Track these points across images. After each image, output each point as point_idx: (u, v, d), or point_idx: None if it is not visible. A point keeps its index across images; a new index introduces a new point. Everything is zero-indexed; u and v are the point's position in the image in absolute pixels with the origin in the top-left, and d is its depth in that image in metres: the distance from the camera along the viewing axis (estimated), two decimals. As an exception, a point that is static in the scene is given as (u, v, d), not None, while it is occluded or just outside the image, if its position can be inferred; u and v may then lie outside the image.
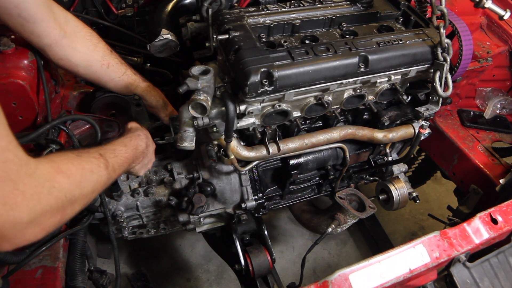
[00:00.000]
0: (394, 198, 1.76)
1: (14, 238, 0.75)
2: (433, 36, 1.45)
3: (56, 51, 1.30)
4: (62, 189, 0.82)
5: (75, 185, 0.87)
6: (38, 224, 0.77)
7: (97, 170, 0.98)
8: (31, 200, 0.74)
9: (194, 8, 1.65)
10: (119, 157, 1.11)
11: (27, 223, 0.74)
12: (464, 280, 1.45)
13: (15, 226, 0.72)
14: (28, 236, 0.77)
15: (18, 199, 0.71)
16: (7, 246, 0.75)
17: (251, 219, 1.79)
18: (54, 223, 0.82)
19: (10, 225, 0.72)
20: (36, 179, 0.76)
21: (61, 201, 0.82)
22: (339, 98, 1.49)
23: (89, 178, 0.94)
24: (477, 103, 2.26)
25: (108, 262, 2.37)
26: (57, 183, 0.81)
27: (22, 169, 0.73)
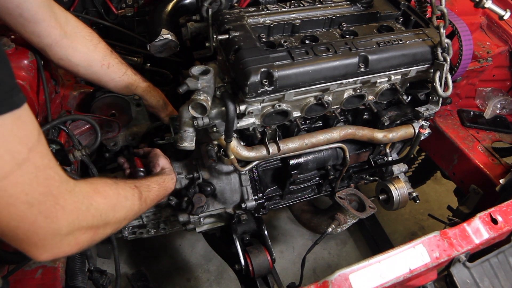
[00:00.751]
0: (394, 198, 1.76)
1: (53, 248, 0.80)
2: (433, 36, 1.45)
3: (56, 51, 1.30)
4: (98, 208, 0.88)
5: (111, 207, 0.93)
6: (74, 238, 0.83)
7: (132, 198, 1.03)
8: (71, 214, 0.79)
9: (194, 8, 1.65)
10: (151, 192, 1.18)
11: (65, 235, 0.80)
12: (464, 280, 1.45)
13: (54, 237, 0.78)
14: (64, 248, 0.82)
15: (59, 213, 0.77)
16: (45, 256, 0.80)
17: (251, 219, 1.79)
18: (88, 239, 0.87)
19: (51, 236, 0.78)
20: (75, 196, 0.81)
21: (96, 219, 0.87)
22: (339, 98, 1.49)
23: (124, 203, 0.99)
24: (477, 103, 2.26)
25: (108, 262, 2.37)
26: (95, 202, 0.87)
27: (63, 185, 0.78)
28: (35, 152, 0.72)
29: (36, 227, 0.75)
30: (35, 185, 0.73)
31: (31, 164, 0.71)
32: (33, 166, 0.72)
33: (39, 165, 0.73)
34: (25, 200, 0.71)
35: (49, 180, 0.75)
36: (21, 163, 0.69)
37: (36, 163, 0.72)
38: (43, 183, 0.74)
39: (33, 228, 0.75)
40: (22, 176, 0.70)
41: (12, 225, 0.73)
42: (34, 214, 0.73)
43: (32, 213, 0.73)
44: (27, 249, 0.78)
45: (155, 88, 1.58)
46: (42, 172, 0.74)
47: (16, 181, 0.69)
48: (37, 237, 0.76)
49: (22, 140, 0.69)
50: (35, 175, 0.72)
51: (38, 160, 0.73)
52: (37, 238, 0.76)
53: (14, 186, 0.69)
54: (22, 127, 0.70)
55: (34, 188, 0.73)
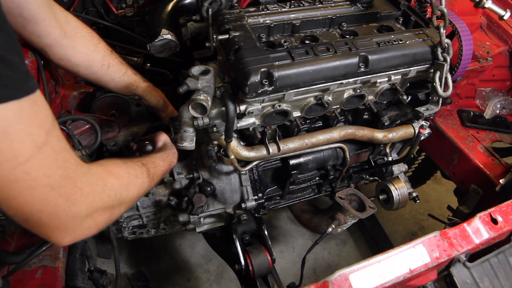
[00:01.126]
0: (394, 198, 1.76)
1: (74, 231, 0.82)
2: (433, 36, 1.45)
3: (56, 51, 1.31)
4: (113, 188, 0.90)
5: (124, 186, 0.95)
6: (93, 219, 0.85)
7: (141, 176, 1.06)
8: (88, 196, 0.81)
9: (194, 8, 1.65)
10: (158, 168, 1.19)
11: (84, 217, 0.82)
12: (464, 280, 1.45)
13: (75, 220, 0.80)
14: (85, 230, 0.84)
15: (78, 195, 0.78)
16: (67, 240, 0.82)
17: (251, 219, 1.79)
18: (105, 220, 0.89)
19: (71, 219, 0.79)
20: (90, 178, 0.83)
21: (112, 199, 0.90)
22: (339, 98, 1.49)
23: (135, 182, 1.02)
24: (477, 103, 2.26)
25: (108, 262, 2.37)
26: (109, 183, 0.89)
27: (79, 168, 0.80)
28: (52, 136, 0.73)
29: (58, 210, 0.76)
30: (55, 168, 0.74)
31: (50, 147, 0.73)
32: (52, 149, 0.73)
33: (57, 148, 0.75)
34: (47, 183, 0.73)
35: (66, 163, 0.77)
36: (41, 146, 0.71)
37: (54, 146, 0.74)
38: (62, 166, 0.75)
39: (55, 211, 0.76)
40: (43, 159, 0.71)
41: (35, 209, 0.74)
42: (55, 197, 0.75)
43: (53, 196, 0.74)
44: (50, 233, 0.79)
45: (155, 88, 1.58)
46: (60, 155, 0.75)
47: (38, 164, 0.71)
48: (59, 220, 0.78)
49: (40, 124, 0.71)
50: (54, 158, 0.74)
51: (55, 143, 0.74)
52: (59, 221, 0.78)
53: (36, 169, 0.70)
54: (39, 111, 0.71)
55: (55, 171, 0.74)
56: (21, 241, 1.35)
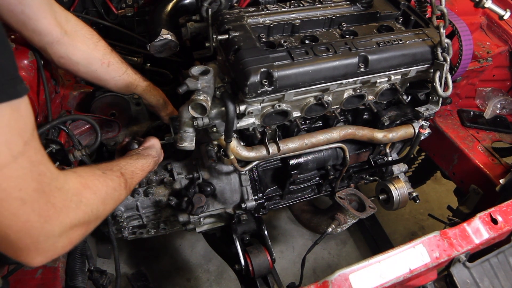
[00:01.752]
0: (394, 198, 1.76)
1: (47, 251, 0.76)
2: (433, 36, 1.45)
3: (57, 49, 1.30)
4: (88, 204, 0.85)
5: (100, 201, 0.90)
6: (67, 237, 0.79)
7: (119, 188, 1.01)
8: (61, 213, 0.76)
9: (194, 8, 1.65)
10: (135, 178, 1.16)
11: (58, 236, 0.76)
12: (464, 280, 1.45)
13: (48, 239, 0.74)
14: (58, 249, 0.79)
15: (51, 212, 0.73)
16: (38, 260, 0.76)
17: (251, 219, 1.79)
18: (80, 236, 0.84)
19: (44, 238, 0.73)
20: (65, 193, 0.78)
21: (87, 215, 0.84)
22: (339, 98, 1.49)
23: (112, 195, 0.97)
24: (477, 103, 2.26)
25: (108, 262, 2.37)
26: (85, 198, 0.84)
27: (53, 182, 0.74)
28: (30, 146, 0.69)
29: (29, 227, 0.70)
30: (29, 181, 0.69)
31: (26, 158, 0.68)
32: (28, 160, 0.69)
33: (34, 160, 0.70)
34: (18, 196, 0.67)
35: (41, 176, 0.72)
36: (17, 156, 0.66)
37: (30, 157, 0.69)
38: (36, 179, 0.70)
39: (26, 228, 0.70)
40: (17, 169, 0.66)
41: (4, 224, 0.68)
42: (27, 212, 0.69)
43: (25, 211, 0.69)
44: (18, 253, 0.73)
45: (155, 87, 1.58)
46: (36, 167, 0.70)
47: (11, 175, 0.66)
48: (30, 238, 0.72)
49: (19, 132, 0.67)
50: (29, 170, 0.69)
51: (32, 155, 0.70)
52: (30, 240, 0.72)
53: (8, 180, 0.66)
54: (20, 119, 0.67)
55: (28, 183, 0.69)
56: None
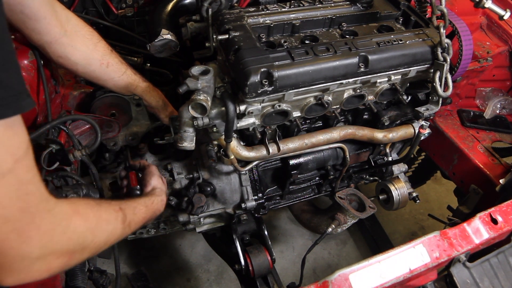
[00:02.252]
0: (394, 198, 1.76)
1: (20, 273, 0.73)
2: (433, 36, 1.45)
3: (56, 49, 1.30)
4: (76, 231, 0.81)
5: (89, 230, 0.85)
6: (45, 263, 0.76)
7: (114, 222, 0.96)
8: (45, 236, 0.73)
9: (194, 8, 1.65)
10: (137, 215, 1.10)
11: (36, 259, 0.73)
12: (464, 280, 1.45)
13: (24, 260, 0.71)
14: (33, 274, 0.75)
15: (33, 233, 0.71)
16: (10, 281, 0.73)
17: (251, 219, 1.79)
18: (60, 265, 0.79)
19: (20, 259, 0.71)
20: (53, 216, 0.75)
21: (73, 243, 0.80)
22: (339, 98, 1.49)
23: (105, 227, 0.92)
24: (477, 103, 2.26)
25: (108, 262, 2.37)
26: (73, 224, 0.80)
27: (42, 203, 0.73)
28: (20, 165, 0.68)
29: (6, 246, 0.68)
30: (14, 199, 0.68)
31: (14, 177, 0.67)
32: (16, 179, 0.68)
33: (22, 179, 0.69)
34: (1, 214, 0.67)
35: (29, 195, 0.70)
36: (5, 174, 0.65)
37: (19, 176, 0.68)
38: (23, 198, 0.69)
39: (2, 247, 0.68)
40: (3, 187, 0.66)
41: None
42: (7, 231, 0.68)
43: (5, 230, 0.67)
44: None
45: (154, 88, 1.58)
46: (24, 186, 0.69)
47: None
48: (4, 258, 0.69)
49: (11, 150, 0.66)
50: (16, 189, 0.68)
51: (22, 173, 0.69)
52: (4, 259, 0.69)
53: None
54: (14, 137, 0.67)
55: (13, 202, 0.68)
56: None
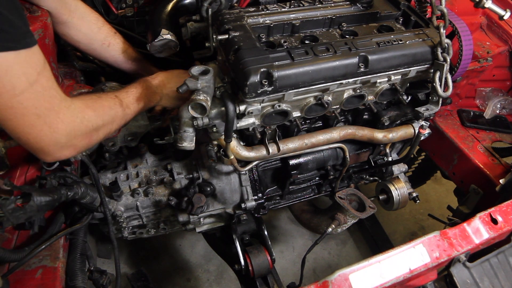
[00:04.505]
0: (394, 198, 1.76)
1: (54, 154, 1.04)
2: (433, 36, 1.45)
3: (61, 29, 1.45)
4: (90, 120, 1.10)
5: (99, 117, 1.14)
6: (72, 145, 1.07)
7: (114, 107, 1.23)
8: (68, 126, 1.02)
9: (194, 8, 1.65)
10: (131, 96, 1.32)
11: (64, 143, 1.03)
12: (464, 280, 1.45)
13: (56, 145, 1.02)
14: (64, 153, 1.06)
15: (59, 125, 1.00)
16: (50, 159, 1.05)
17: (251, 219, 1.79)
18: (84, 145, 1.11)
19: (52, 143, 1.01)
20: (72, 111, 1.03)
21: (89, 128, 1.10)
22: (339, 98, 1.49)
23: (108, 112, 1.20)
24: (477, 103, 2.26)
25: (108, 262, 2.37)
26: (87, 115, 1.09)
27: (62, 103, 1.01)
28: (42, 76, 0.94)
29: (42, 135, 0.97)
30: (42, 101, 0.95)
31: (39, 85, 0.94)
32: (41, 86, 0.94)
33: (45, 86, 0.95)
34: (34, 112, 0.94)
35: (52, 98, 0.98)
36: (33, 83, 0.92)
37: (43, 84, 0.95)
38: (48, 100, 0.96)
39: (39, 136, 0.97)
40: (33, 93, 0.92)
41: (25, 132, 0.96)
42: (40, 124, 0.96)
43: (39, 123, 0.96)
44: (36, 152, 1.02)
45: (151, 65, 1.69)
46: (48, 91, 0.96)
47: (29, 97, 0.92)
48: (42, 143, 0.99)
49: (33, 66, 0.92)
50: (42, 94, 0.95)
51: (44, 82, 0.95)
52: (42, 144, 0.99)
53: (27, 100, 0.92)
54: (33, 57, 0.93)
55: (41, 103, 0.95)
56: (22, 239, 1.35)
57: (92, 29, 1.49)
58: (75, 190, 1.32)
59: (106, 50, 1.55)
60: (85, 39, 1.51)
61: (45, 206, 1.18)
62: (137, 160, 1.68)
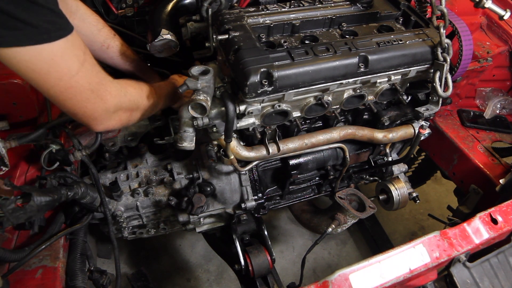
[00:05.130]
0: (394, 198, 1.76)
1: (106, 122, 1.18)
2: (433, 36, 1.45)
3: None
4: (132, 95, 1.25)
5: (139, 94, 1.29)
6: (117, 116, 1.21)
7: (151, 94, 1.35)
8: (115, 97, 1.16)
9: (194, 8, 1.65)
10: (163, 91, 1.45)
11: (112, 113, 1.18)
12: (464, 280, 1.45)
13: (106, 113, 1.16)
14: (112, 122, 1.21)
15: (108, 97, 1.13)
16: (101, 127, 1.19)
17: (251, 219, 1.79)
18: (126, 118, 1.26)
19: (104, 113, 1.15)
20: (116, 85, 1.17)
21: (132, 103, 1.24)
22: (339, 98, 1.49)
23: (145, 95, 1.32)
24: (477, 103, 2.26)
25: (108, 262, 2.37)
26: (129, 91, 1.24)
27: (107, 77, 1.14)
28: (87, 54, 1.06)
29: (96, 107, 1.11)
30: (93, 77, 1.08)
31: (88, 63, 1.05)
32: (89, 64, 1.06)
33: (92, 63, 1.07)
34: (89, 88, 1.06)
35: (99, 73, 1.10)
36: (83, 62, 1.03)
37: (90, 62, 1.06)
38: (97, 76, 1.09)
39: (94, 107, 1.11)
40: (86, 71, 1.04)
41: (83, 106, 1.09)
42: (94, 97, 1.09)
43: (93, 97, 1.09)
44: (90, 122, 1.15)
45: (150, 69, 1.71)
46: (94, 68, 1.08)
47: (84, 75, 1.04)
48: (97, 113, 1.13)
49: (80, 47, 1.03)
50: (91, 70, 1.07)
51: (90, 60, 1.07)
52: (97, 114, 1.13)
53: (83, 78, 1.04)
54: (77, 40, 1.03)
55: (93, 79, 1.07)
56: (22, 239, 1.35)
57: (92, 31, 1.49)
58: (75, 190, 1.32)
59: (105, 52, 1.56)
60: (85, 41, 1.49)
61: (45, 206, 1.19)
62: (137, 160, 1.68)
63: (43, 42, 0.93)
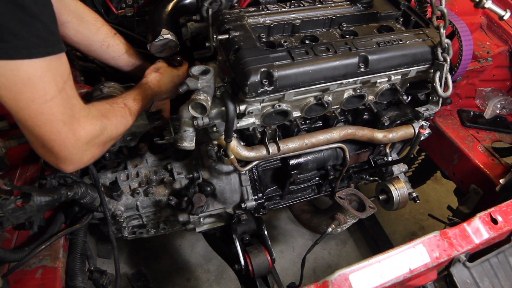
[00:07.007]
0: (394, 198, 1.76)
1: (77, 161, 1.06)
2: (433, 36, 1.45)
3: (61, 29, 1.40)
4: (106, 128, 1.13)
5: (114, 126, 1.18)
6: (91, 152, 1.09)
7: (125, 116, 1.26)
8: (89, 133, 1.05)
9: (194, 8, 1.65)
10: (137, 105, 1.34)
11: (84, 150, 1.06)
12: (464, 280, 1.45)
13: (78, 152, 1.04)
14: (84, 159, 1.08)
15: (81, 132, 1.02)
16: (71, 168, 1.07)
17: (251, 219, 1.79)
18: (99, 153, 1.14)
19: (76, 150, 1.03)
20: (90, 119, 1.06)
21: (105, 137, 1.13)
22: (339, 98, 1.49)
23: (121, 122, 1.23)
24: (477, 103, 2.27)
25: (108, 262, 2.37)
26: (103, 124, 1.12)
27: (82, 111, 1.04)
28: (67, 84, 0.98)
29: (67, 142, 1.00)
30: (67, 108, 0.98)
31: (65, 92, 0.97)
32: (66, 94, 0.97)
33: (70, 94, 0.99)
34: (61, 119, 0.96)
35: (75, 106, 1.01)
36: (60, 90, 0.95)
37: (68, 93, 0.98)
38: (71, 108, 0.99)
39: (64, 143, 0.99)
40: (61, 99, 0.95)
41: (51, 138, 0.97)
42: (66, 131, 0.98)
43: (65, 130, 0.98)
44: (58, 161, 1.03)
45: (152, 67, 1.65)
46: (71, 99, 0.99)
47: (58, 103, 0.95)
48: (67, 151, 1.01)
49: (61, 74, 0.95)
50: (67, 101, 0.98)
51: (69, 90, 0.98)
52: (66, 151, 1.01)
53: (56, 107, 0.95)
54: (61, 65, 0.96)
55: (67, 110, 0.97)
56: (22, 239, 1.35)
57: (91, 30, 1.46)
58: (75, 190, 1.32)
59: (105, 51, 1.53)
60: (84, 40, 1.48)
61: (45, 206, 1.19)
62: (137, 160, 1.68)
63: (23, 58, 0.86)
